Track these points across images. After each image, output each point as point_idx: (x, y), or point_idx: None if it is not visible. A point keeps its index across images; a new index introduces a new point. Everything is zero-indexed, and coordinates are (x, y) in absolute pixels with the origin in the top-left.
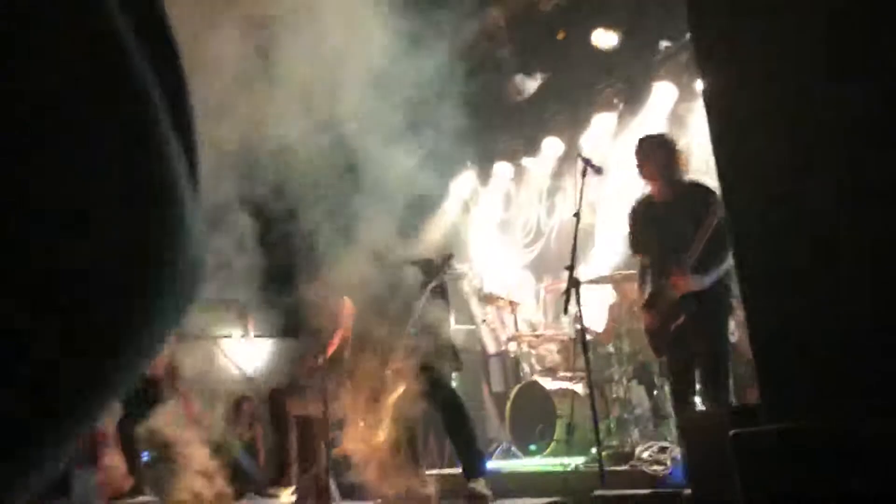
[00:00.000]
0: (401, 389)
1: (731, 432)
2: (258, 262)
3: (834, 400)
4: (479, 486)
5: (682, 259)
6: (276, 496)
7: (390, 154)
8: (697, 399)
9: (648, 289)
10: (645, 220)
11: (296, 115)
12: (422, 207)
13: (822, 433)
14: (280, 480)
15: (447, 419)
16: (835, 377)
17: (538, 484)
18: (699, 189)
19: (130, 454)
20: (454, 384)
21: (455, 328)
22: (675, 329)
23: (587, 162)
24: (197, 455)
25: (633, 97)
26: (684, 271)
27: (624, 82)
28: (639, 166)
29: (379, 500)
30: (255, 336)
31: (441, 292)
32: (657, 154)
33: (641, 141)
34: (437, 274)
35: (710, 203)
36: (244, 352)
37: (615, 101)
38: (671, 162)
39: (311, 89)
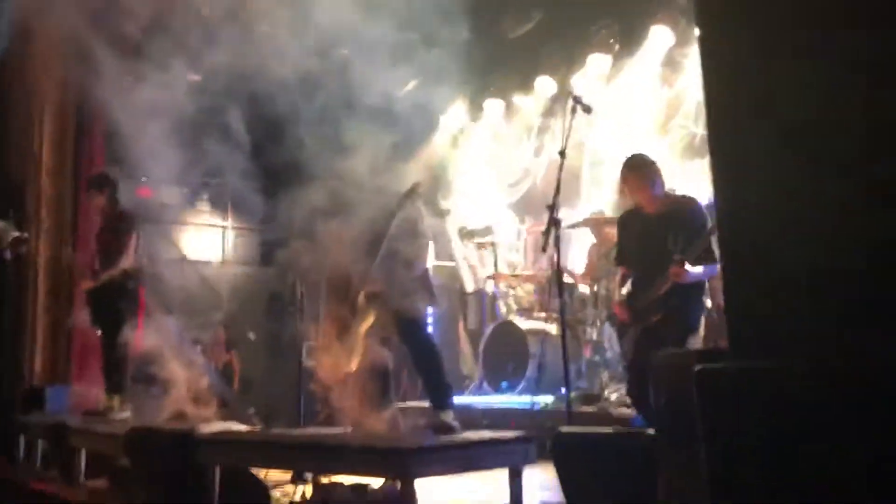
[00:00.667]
0: (371, 319)
1: (696, 368)
2: (239, 185)
3: (798, 343)
4: (447, 417)
5: (687, 251)
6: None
7: (379, 82)
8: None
9: (625, 291)
10: (632, 230)
11: (287, 39)
12: (409, 140)
13: (783, 372)
14: None
15: (414, 352)
16: (803, 319)
17: (507, 419)
18: (691, 203)
19: (109, 372)
20: (430, 319)
21: (435, 264)
22: (651, 326)
23: (577, 100)
24: (173, 376)
25: (629, 40)
26: (684, 262)
27: (621, 24)
28: (626, 187)
29: (349, 428)
30: (234, 262)
31: (413, 223)
32: (640, 173)
33: (631, 160)
34: (403, 203)
35: (698, 214)
36: (223, 277)
37: (611, 42)
38: (660, 182)
39: (302, 14)
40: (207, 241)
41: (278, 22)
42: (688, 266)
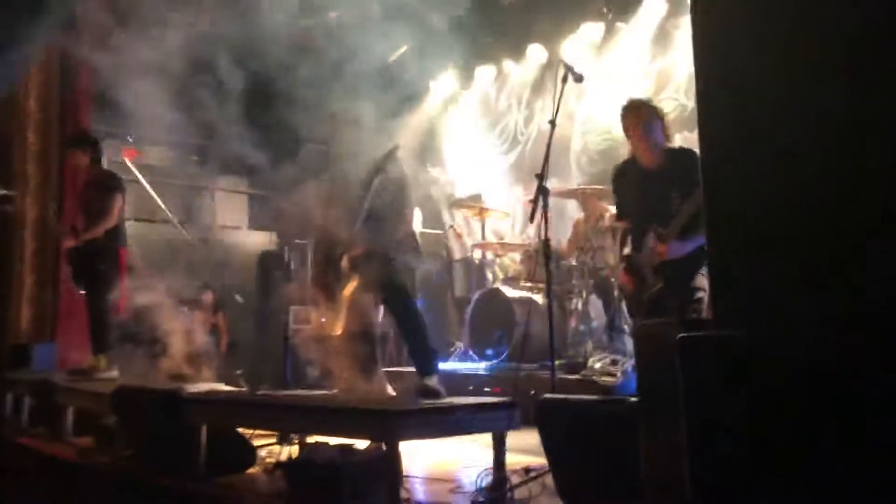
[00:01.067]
0: (354, 284)
1: (679, 336)
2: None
3: (781, 312)
4: (432, 382)
5: (669, 226)
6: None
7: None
8: None
9: (627, 251)
10: (629, 183)
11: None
12: (398, 106)
13: (764, 340)
14: None
15: (399, 317)
16: (786, 288)
17: (491, 385)
18: (686, 156)
19: (94, 331)
20: (417, 284)
21: (422, 231)
22: (652, 295)
23: (568, 68)
24: (161, 336)
25: (622, 9)
26: (667, 239)
27: None
28: (626, 129)
29: (334, 391)
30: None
31: (396, 185)
32: (646, 119)
33: (629, 105)
34: (381, 167)
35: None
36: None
37: (604, 10)
38: (660, 127)
39: None
40: (195, 203)
41: None
42: (673, 242)
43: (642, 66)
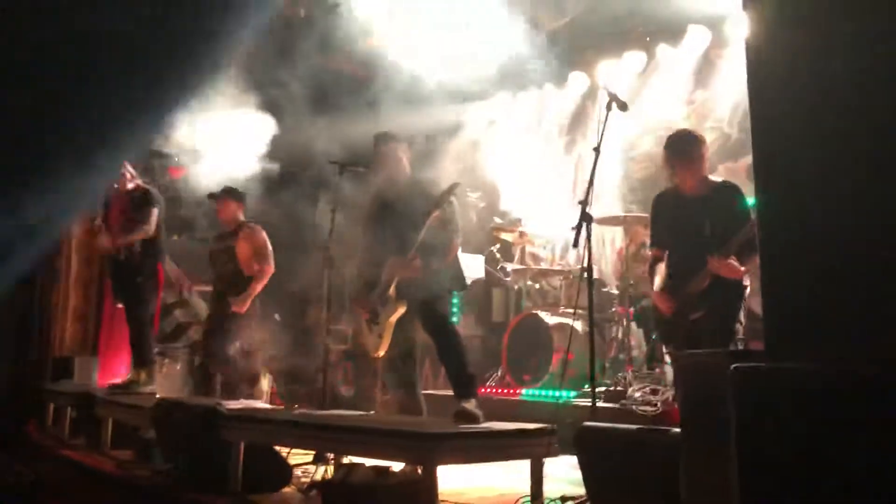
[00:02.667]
0: (401, 311)
1: (732, 366)
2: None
3: (834, 344)
4: (470, 406)
5: (726, 245)
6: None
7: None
8: None
9: (658, 279)
10: (668, 210)
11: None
12: (441, 131)
13: (818, 373)
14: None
15: (439, 342)
16: (841, 320)
17: (529, 412)
18: (728, 189)
19: (134, 345)
20: (455, 310)
21: (461, 255)
22: (692, 322)
23: (613, 96)
24: (199, 352)
25: (665, 37)
26: (726, 255)
27: (658, 21)
28: (671, 159)
29: (371, 412)
30: None
31: (445, 221)
32: (691, 149)
33: (675, 135)
34: (440, 204)
35: (740, 203)
36: None
37: (647, 39)
38: (704, 158)
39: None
40: None
41: None
42: (731, 260)
43: (685, 95)
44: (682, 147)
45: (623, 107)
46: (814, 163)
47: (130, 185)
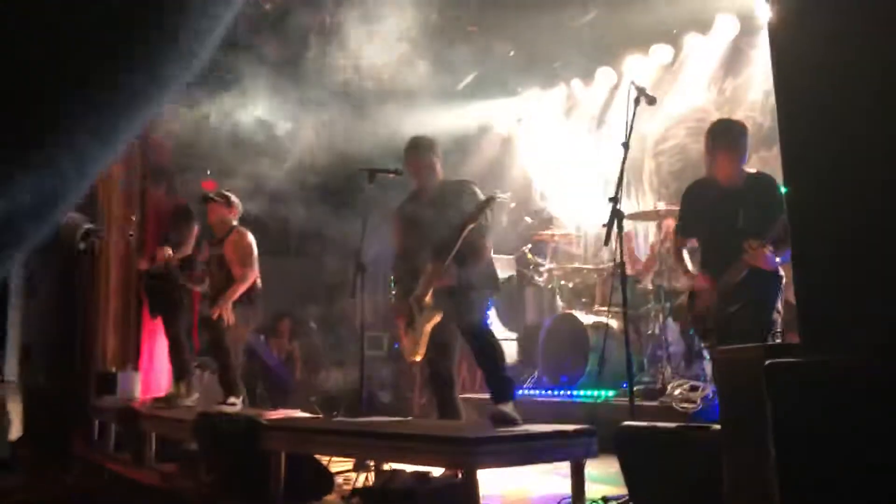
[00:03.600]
0: (437, 318)
1: (766, 363)
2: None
3: (872, 337)
4: (508, 409)
5: (765, 235)
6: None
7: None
8: None
9: (689, 264)
10: (703, 200)
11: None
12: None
13: (858, 369)
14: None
15: (476, 347)
16: (877, 313)
17: (567, 412)
18: (765, 180)
19: (172, 359)
20: (490, 311)
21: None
22: (730, 314)
23: (640, 90)
24: (238, 365)
25: (693, 28)
26: (762, 245)
27: (685, 12)
28: (715, 148)
29: (410, 418)
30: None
31: (483, 229)
32: (735, 139)
33: (719, 124)
34: (475, 217)
35: (775, 194)
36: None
37: (674, 32)
38: (745, 149)
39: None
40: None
41: None
42: (767, 250)
43: (715, 85)
44: (727, 135)
45: (651, 101)
46: (843, 150)
47: (167, 203)
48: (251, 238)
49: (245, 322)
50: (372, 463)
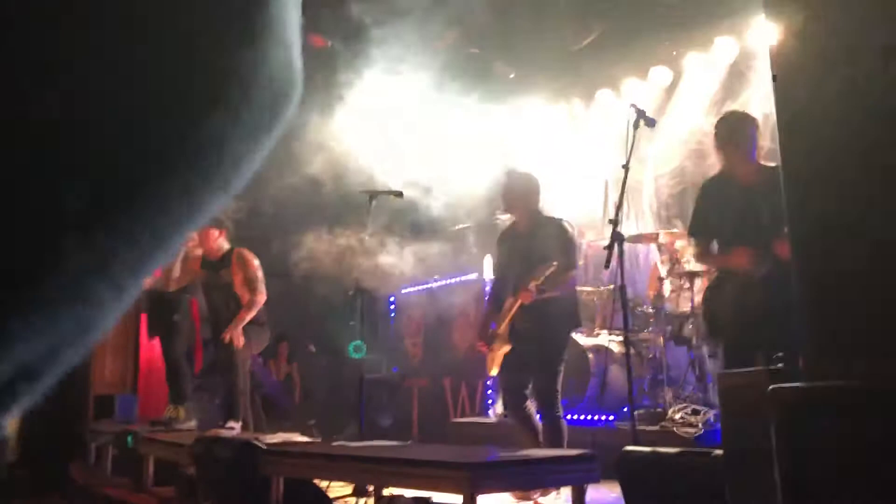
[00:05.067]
0: (506, 349)
1: (770, 388)
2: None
3: (875, 364)
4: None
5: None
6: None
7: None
8: None
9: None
10: (720, 198)
11: None
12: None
13: (862, 391)
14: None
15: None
16: (879, 340)
17: (568, 437)
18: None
19: (170, 382)
20: None
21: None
22: (746, 318)
23: (640, 113)
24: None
25: (692, 48)
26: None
27: (684, 35)
28: (721, 143)
29: (409, 442)
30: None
31: (561, 252)
32: (748, 132)
33: (729, 116)
34: (556, 257)
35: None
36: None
37: (674, 54)
38: (756, 142)
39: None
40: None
41: None
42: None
43: (715, 107)
44: (731, 128)
45: (651, 123)
46: (843, 167)
47: None
48: (256, 262)
49: (254, 344)
50: (371, 488)
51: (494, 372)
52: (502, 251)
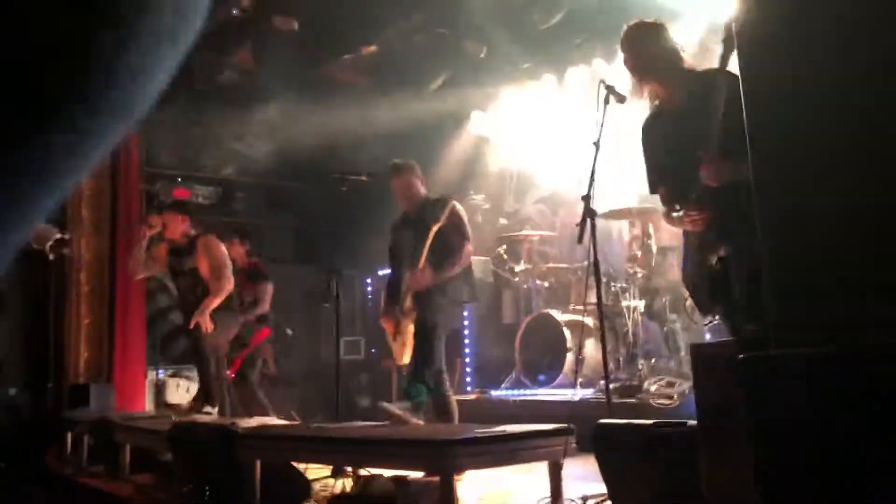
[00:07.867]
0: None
1: (740, 357)
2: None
3: (844, 326)
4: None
5: (717, 153)
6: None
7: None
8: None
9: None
10: (658, 136)
11: None
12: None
13: (829, 359)
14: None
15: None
16: (848, 308)
17: (545, 411)
18: (710, 76)
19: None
20: (467, 314)
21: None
22: (714, 267)
23: (610, 89)
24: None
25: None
26: (722, 158)
27: (650, 12)
28: (632, 66)
29: (387, 422)
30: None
31: (452, 229)
32: (645, 41)
33: (623, 36)
34: (437, 217)
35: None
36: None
37: None
38: (664, 50)
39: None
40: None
41: None
42: (725, 167)
43: None
44: (633, 46)
45: (621, 99)
46: (812, 156)
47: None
48: (222, 248)
49: (225, 330)
50: (350, 469)
51: (407, 358)
52: (393, 239)
